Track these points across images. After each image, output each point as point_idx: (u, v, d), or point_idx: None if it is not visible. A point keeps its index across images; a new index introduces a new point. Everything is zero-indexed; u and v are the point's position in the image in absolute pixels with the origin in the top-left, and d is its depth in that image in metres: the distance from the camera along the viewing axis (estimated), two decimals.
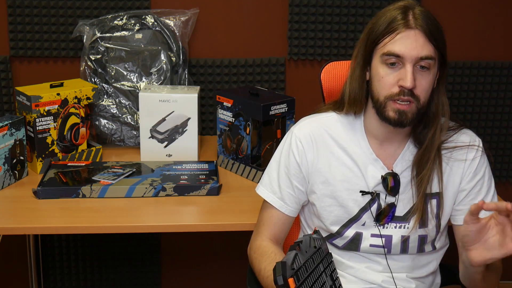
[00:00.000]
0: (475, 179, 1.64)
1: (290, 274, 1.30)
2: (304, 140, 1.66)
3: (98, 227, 1.87)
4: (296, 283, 1.31)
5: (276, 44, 2.58)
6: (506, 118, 2.69)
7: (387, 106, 1.53)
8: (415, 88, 1.50)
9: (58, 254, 2.70)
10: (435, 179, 1.62)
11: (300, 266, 1.35)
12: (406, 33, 1.49)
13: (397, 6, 1.54)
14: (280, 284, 1.30)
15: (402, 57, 1.49)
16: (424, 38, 1.50)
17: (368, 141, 1.64)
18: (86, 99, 2.24)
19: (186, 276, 2.81)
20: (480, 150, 1.65)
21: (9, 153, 2.06)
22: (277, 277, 1.30)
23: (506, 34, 2.63)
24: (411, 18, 1.50)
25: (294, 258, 1.33)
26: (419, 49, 1.49)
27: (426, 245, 1.66)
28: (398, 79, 1.51)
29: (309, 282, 1.36)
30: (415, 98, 1.51)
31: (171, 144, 2.27)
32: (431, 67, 1.52)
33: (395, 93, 1.51)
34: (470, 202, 1.63)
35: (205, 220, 1.94)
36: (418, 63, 1.50)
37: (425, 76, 1.52)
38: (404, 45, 1.49)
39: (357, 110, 1.63)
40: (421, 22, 1.50)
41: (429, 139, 1.60)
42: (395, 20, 1.51)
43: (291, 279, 1.30)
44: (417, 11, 1.52)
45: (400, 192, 1.63)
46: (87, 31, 2.40)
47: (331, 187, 1.65)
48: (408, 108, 1.52)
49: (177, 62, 2.43)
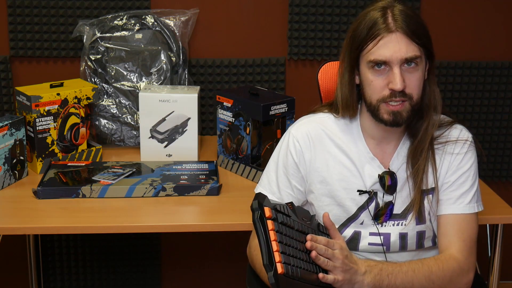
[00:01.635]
0: (459, 171, 1.64)
1: (269, 206, 1.26)
2: (302, 140, 1.67)
3: (98, 227, 1.87)
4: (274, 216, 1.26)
5: (276, 44, 2.58)
6: (506, 118, 2.68)
7: (381, 109, 1.55)
8: (406, 87, 1.52)
9: (58, 254, 2.70)
10: (430, 175, 1.63)
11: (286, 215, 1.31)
12: (388, 37, 1.50)
13: (377, 7, 1.54)
14: (254, 207, 1.26)
15: (388, 61, 1.51)
16: (406, 39, 1.50)
17: (365, 141, 1.65)
18: (86, 99, 2.24)
19: (186, 276, 2.81)
20: (467, 144, 1.66)
21: (9, 153, 2.06)
22: (253, 201, 1.26)
23: (506, 34, 2.62)
24: (391, 20, 1.50)
25: (282, 204, 1.30)
26: (403, 51, 1.50)
27: (426, 241, 1.67)
28: (387, 82, 1.52)
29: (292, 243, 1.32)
30: (408, 96, 1.53)
31: (171, 144, 2.27)
32: (418, 64, 1.53)
33: (386, 95, 1.53)
34: (451, 193, 1.63)
35: (205, 220, 1.94)
36: (404, 63, 1.51)
37: (414, 73, 1.53)
38: (387, 50, 1.50)
39: (351, 114, 1.64)
40: (401, 23, 1.50)
41: (423, 130, 1.61)
42: (375, 25, 1.51)
43: (267, 208, 1.26)
44: (396, 11, 1.52)
45: (398, 190, 1.64)
46: (87, 31, 2.40)
47: (329, 187, 1.65)
48: (402, 107, 1.53)
49: (177, 62, 2.43)
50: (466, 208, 1.62)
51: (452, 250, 1.59)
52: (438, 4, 2.57)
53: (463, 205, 1.62)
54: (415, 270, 1.53)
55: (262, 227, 1.26)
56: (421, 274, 1.53)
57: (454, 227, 1.61)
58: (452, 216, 1.62)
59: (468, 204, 1.62)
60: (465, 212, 1.61)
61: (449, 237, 1.61)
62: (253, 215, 1.27)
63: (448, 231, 1.61)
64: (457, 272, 1.57)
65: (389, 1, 1.55)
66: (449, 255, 1.58)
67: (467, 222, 1.61)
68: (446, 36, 2.60)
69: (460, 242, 1.59)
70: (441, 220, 1.63)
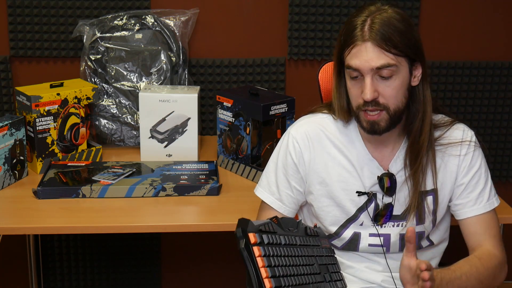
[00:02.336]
0: (471, 172, 1.65)
1: (253, 230, 1.24)
2: (301, 140, 1.67)
3: (98, 227, 1.88)
4: (259, 239, 1.24)
5: (276, 44, 2.58)
6: (506, 118, 2.69)
7: (360, 116, 1.55)
8: (378, 97, 1.51)
9: (58, 254, 2.70)
10: (429, 176, 1.63)
11: (272, 233, 1.29)
12: (360, 46, 1.49)
13: (361, 13, 1.53)
14: (238, 236, 1.23)
15: (360, 70, 1.50)
16: (378, 49, 1.48)
17: (364, 142, 1.65)
18: (86, 99, 2.25)
19: (186, 276, 2.81)
20: (472, 144, 1.66)
21: (9, 153, 2.06)
22: (236, 229, 1.23)
23: (506, 34, 2.63)
24: (367, 29, 1.49)
25: (266, 223, 1.28)
26: (374, 60, 1.48)
27: (423, 241, 1.67)
28: (361, 91, 1.52)
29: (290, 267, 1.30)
30: (382, 106, 1.51)
31: (171, 144, 2.27)
32: (394, 74, 1.50)
33: (361, 103, 1.53)
34: (468, 195, 1.64)
35: (205, 220, 1.94)
36: (377, 73, 1.49)
37: (389, 83, 1.50)
38: (358, 59, 1.49)
39: (346, 118, 1.64)
40: (375, 34, 1.47)
41: (421, 131, 1.60)
42: (352, 33, 1.50)
43: (252, 233, 1.23)
44: (377, 19, 1.49)
45: (397, 191, 1.64)
46: (87, 31, 2.40)
47: (328, 188, 1.65)
48: (378, 117, 1.53)
49: (177, 62, 2.43)
50: (487, 205, 1.65)
51: (488, 247, 1.62)
52: (438, 4, 2.57)
53: (483, 204, 1.65)
54: (466, 273, 1.55)
55: (249, 254, 1.24)
56: (472, 277, 1.55)
57: (482, 225, 1.64)
58: (476, 217, 1.65)
59: (487, 201, 1.65)
60: (487, 210, 1.65)
61: (479, 235, 1.64)
62: (238, 244, 1.24)
63: (476, 230, 1.65)
64: (499, 268, 1.62)
65: (376, 7, 1.53)
66: (489, 252, 1.61)
67: (490, 218, 1.65)
68: (446, 36, 2.60)
69: (491, 238, 1.64)
70: (466, 222, 1.66)
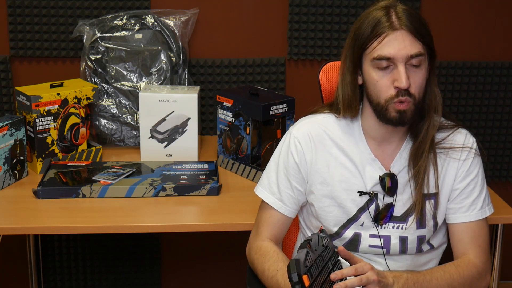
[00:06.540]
0: (468, 178, 1.65)
1: (304, 271, 1.32)
2: (303, 140, 1.67)
3: (98, 227, 1.88)
4: (310, 280, 1.32)
5: (276, 44, 2.58)
6: (506, 118, 2.68)
7: (389, 108, 1.54)
8: (410, 86, 1.52)
9: (58, 254, 2.70)
10: (431, 179, 1.63)
11: (312, 264, 1.36)
12: (393, 35, 1.50)
13: (379, 6, 1.55)
14: (295, 281, 1.31)
15: (393, 59, 1.50)
16: (411, 37, 1.51)
17: (366, 142, 1.64)
18: (86, 99, 2.25)
19: (186, 276, 2.81)
20: (473, 151, 1.66)
21: (9, 153, 2.06)
22: (291, 274, 1.31)
23: (506, 34, 2.63)
24: (395, 18, 1.51)
25: (306, 256, 1.34)
26: (408, 48, 1.50)
27: (423, 245, 1.67)
28: (392, 80, 1.52)
29: (320, 279, 1.37)
30: (411, 96, 1.53)
31: (171, 144, 2.27)
32: (422, 63, 1.53)
33: (393, 94, 1.53)
34: (462, 201, 1.64)
35: (205, 220, 1.94)
36: (409, 61, 1.51)
37: (418, 72, 1.53)
38: (392, 47, 1.50)
39: (352, 115, 1.64)
40: (405, 21, 1.51)
41: (425, 130, 1.61)
42: (379, 23, 1.51)
43: (305, 276, 1.32)
44: (399, 9, 1.53)
45: (398, 192, 1.63)
46: (87, 31, 2.40)
47: (330, 188, 1.65)
48: (407, 107, 1.53)
49: (177, 62, 2.43)
50: (479, 214, 1.64)
51: (470, 256, 1.63)
52: (438, 4, 2.57)
53: (475, 212, 1.64)
54: (438, 278, 1.56)
55: None
56: (444, 282, 1.56)
57: (469, 233, 1.64)
58: (465, 224, 1.64)
59: (480, 210, 1.65)
60: (478, 218, 1.64)
61: (465, 244, 1.64)
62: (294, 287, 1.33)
63: (463, 238, 1.65)
64: (476, 277, 1.61)
65: (391, 1, 1.56)
66: (468, 261, 1.62)
67: (480, 227, 1.65)
68: (446, 36, 2.60)
69: (476, 248, 1.63)
70: (455, 228, 1.66)
